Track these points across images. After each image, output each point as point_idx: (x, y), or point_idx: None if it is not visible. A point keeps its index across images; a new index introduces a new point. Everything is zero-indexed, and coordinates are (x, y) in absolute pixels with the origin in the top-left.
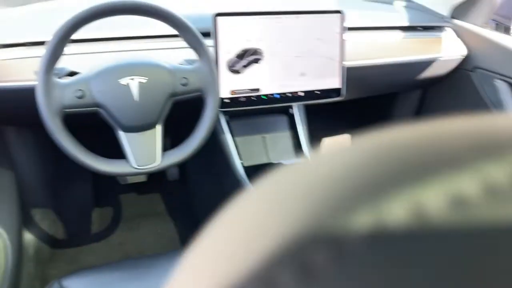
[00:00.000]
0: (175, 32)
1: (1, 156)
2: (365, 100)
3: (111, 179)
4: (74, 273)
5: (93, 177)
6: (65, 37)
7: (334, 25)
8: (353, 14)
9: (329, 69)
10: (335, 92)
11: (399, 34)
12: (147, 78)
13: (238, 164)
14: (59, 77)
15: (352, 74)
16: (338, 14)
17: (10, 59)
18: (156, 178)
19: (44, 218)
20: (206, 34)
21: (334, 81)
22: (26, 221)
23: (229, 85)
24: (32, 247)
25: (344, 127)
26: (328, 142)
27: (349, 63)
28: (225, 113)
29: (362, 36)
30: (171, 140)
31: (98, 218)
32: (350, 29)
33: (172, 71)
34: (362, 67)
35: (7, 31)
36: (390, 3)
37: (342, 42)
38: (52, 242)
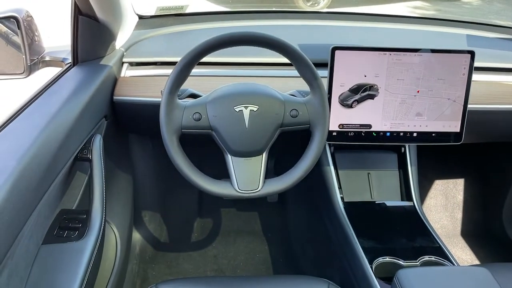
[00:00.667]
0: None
1: (124, 160)
2: (487, 145)
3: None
4: (170, 281)
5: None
6: (191, 62)
7: (461, 66)
8: (486, 53)
9: (450, 111)
10: (454, 136)
11: None
12: (258, 107)
13: (338, 199)
14: (181, 98)
15: (475, 118)
16: (468, 55)
17: (141, 76)
18: (256, 198)
19: (151, 221)
20: (320, 65)
21: (454, 125)
22: (135, 221)
23: (338, 118)
24: (138, 247)
25: (459, 171)
26: (441, 186)
27: (473, 106)
28: (330, 144)
29: (493, 78)
30: (271, 165)
31: (199, 228)
32: (479, 69)
33: (283, 102)
34: (488, 111)
35: (141, 51)
36: None
37: (468, 85)
38: (155, 244)
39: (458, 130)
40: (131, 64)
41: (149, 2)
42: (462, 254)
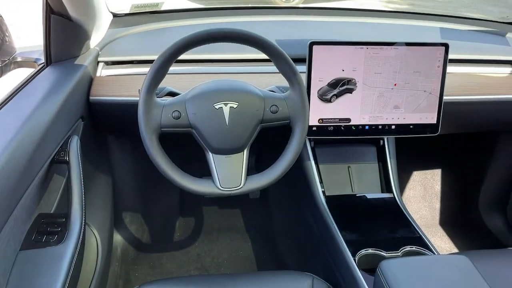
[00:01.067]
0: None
1: (102, 162)
2: (463, 136)
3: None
4: (153, 282)
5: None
6: (169, 60)
7: (436, 58)
8: (459, 45)
9: (427, 103)
10: (431, 127)
11: (508, 69)
12: (237, 103)
13: (320, 193)
14: (159, 96)
15: (451, 109)
16: (443, 47)
17: (117, 75)
18: (238, 195)
19: (132, 222)
20: (299, 60)
21: (430, 116)
22: (116, 223)
23: (318, 113)
24: (120, 248)
25: (437, 162)
26: (420, 177)
27: (448, 97)
28: (310, 139)
29: (466, 69)
30: (252, 162)
31: (182, 227)
32: (453, 61)
33: (263, 98)
34: (462, 102)
35: (117, 50)
36: (503, 35)
37: (443, 77)
38: (137, 245)
39: (435, 122)
40: (107, 63)
41: (123, 0)
42: (441, 243)
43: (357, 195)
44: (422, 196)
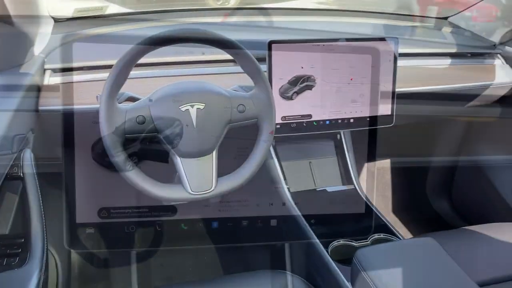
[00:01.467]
0: (231, 57)
1: (54, 176)
2: (412, 126)
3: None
4: None
5: (137, 198)
6: (130, 63)
7: (388, 52)
8: (401, 40)
9: (381, 96)
10: (386, 118)
11: (447, 61)
12: (204, 105)
13: (286, 190)
14: (119, 102)
15: (403, 100)
16: (392, 41)
17: (68, 82)
18: (199, 200)
19: (89, 238)
20: (260, 59)
21: (385, 108)
22: (71, 240)
23: (281, 111)
24: (77, 266)
25: (384, 152)
26: (372, 167)
27: (400, 90)
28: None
29: (409, 62)
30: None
31: (141, 238)
32: (401, 55)
33: (229, 98)
34: (408, 93)
35: (64, 56)
36: (439, 29)
37: (395, 69)
38: (96, 261)
39: (390, 113)
40: (54, 70)
41: (65, 5)
42: (397, 228)
43: (320, 189)
44: (375, 186)
